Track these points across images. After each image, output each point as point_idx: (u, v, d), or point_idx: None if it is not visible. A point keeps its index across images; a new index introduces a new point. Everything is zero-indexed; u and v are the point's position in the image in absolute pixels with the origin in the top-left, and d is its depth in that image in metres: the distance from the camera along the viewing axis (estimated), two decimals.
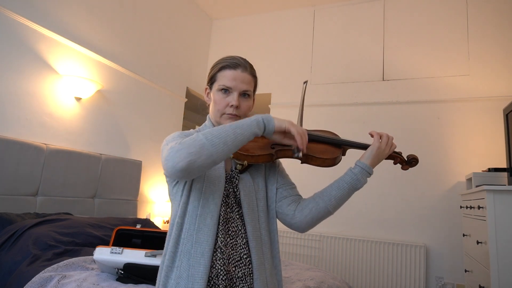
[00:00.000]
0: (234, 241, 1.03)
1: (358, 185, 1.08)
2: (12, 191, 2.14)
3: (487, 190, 1.94)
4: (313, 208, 1.08)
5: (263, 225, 1.10)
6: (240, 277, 0.99)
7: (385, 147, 1.10)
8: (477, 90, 3.10)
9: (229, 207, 1.06)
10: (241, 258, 1.01)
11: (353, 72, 3.61)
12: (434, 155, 3.15)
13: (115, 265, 1.47)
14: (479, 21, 3.19)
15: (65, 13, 2.57)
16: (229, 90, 1.09)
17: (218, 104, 1.10)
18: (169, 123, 3.70)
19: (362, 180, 1.07)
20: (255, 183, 1.12)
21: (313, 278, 1.76)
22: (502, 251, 1.85)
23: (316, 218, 1.09)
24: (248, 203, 1.07)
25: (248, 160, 1.07)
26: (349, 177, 1.07)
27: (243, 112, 1.11)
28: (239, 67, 1.10)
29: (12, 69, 2.22)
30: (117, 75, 3.03)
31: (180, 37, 3.87)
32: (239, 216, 1.06)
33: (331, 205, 1.07)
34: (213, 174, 1.06)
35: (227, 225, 1.03)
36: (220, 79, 1.10)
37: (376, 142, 1.10)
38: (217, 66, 1.13)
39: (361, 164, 1.08)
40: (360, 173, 1.07)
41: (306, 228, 1.12)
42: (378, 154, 1.09)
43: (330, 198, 1.07)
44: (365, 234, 3.26)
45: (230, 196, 1.07)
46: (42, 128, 2.40)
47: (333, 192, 1.08)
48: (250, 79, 1.12)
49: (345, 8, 3.77)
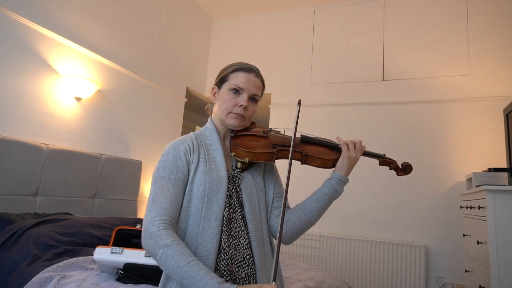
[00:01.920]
0: (237, 242, 1.03)
1: (337, 195, 1.12)
2: (12, 191, 2.14)
3: (487, 190, 1.94)
4: (296, 221, 1.12)
5: (264, 225, 1.11)
6: (244, 277, 1.00)
7: (354, 153, 1.13)
8: (477, 90, 3.09)
9: (232, 208, 1.06)
10: (244, 259, 1.02)
11: (353, 72, 3.61)
12: (434, 155, 3.15)
13: (115, 265, 1.47)
14: (479, 21, 3.19)
15: (65, 13, 2.57)
16: (240, 91, 1.12)
17: (227, 103, 1.12)
18: (169, 123, 3.70)
19: (339, 190, 1.12)
20: (256, 183, 1.14)
21: (313, 278, 1.75)
22: (502, 251, 1.85)
23: (299, 230, 1.13)
24: (250, 203, 1.08)
25: (250, 157, 1.08)
26: (327, 189, 1.11)
27: (248, 115, 1.15)
28: (253, 72, 1.15)
29: (12, 69, 2.22)
30: (117, 75, 3.03)
31: (180, 37, 3.87)
32: (242, 216, 1.06)
33: (313, 217, 1.11)
34: (215, 175, 1.06)
35: (230, 225, 1.04)
36: (232, 79, 1.13)
37: (345, 152, 1.13)
38: (230, 67, 1.16)
39: (337, 176, 1.11)
40: (337, 184, 1.11)
41: (290, 240, 1.15)
42: (350, 162, 1.13)
43: (312, 211, 1.11)
44: (365, 234, 3.26)
45: (233, 196, 1.07)
46: (42, 128, 2.40)
47: (314, 205, 1.11)
48: (260, 85, 1.17)
49: (345, 8, 3.77)
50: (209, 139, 1.15)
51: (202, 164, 1.06)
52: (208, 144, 1.13)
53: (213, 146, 1.13)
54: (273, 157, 1.11)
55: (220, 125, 1.17)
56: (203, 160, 1.08)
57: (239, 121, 1.12)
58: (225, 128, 1.17)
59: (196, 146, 1.10)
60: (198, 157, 1.08)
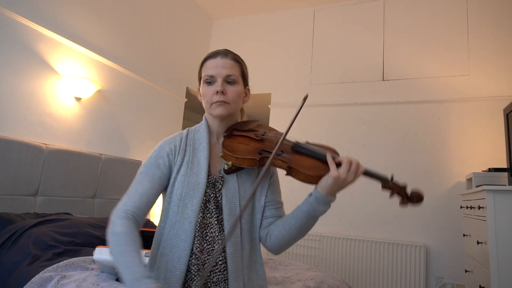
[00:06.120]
0: (211, 247, 1.02)
1: (317, 214, 0.99)
2: (12, 191, 2.14)
3: (487, 190, 1.94)
4: (278, 235, 1.05)
5: (245, 232, 1.06)
6: (215, 282, 0.99)
7: (346, 175, 0.94)
8: (477, 90, 3.09)
9: (209, 213, 1.04)
10: (217, 264, 1.01)
11: (353, 72, 3.60)
12: (434, 155, 3.15)
13: (115, 265, 1.47)
14: (479, 21, 3.19)
15: (65, 13, 2.57)
16: (213, 79, 1.08)
17: (206, 96, 1.09)
18: (169, 123, 3.70)
19: (319, 209, 0.98)
20: (241, 188, 1.08)
21: (313, 278, 1.75)
22: (502, 251, 1.85)
23: (284, 244, 1.06)
24: (229, 209, 1.05)
25: (233, 161, 1.04)
26: (305, 207, 1.00)
27: (231, 99, 1.08)
28: (218, 55, 1.10)
29: (12, 69, 2.22)
30: (117, 75, 3.03)
31: (180, 37, 3.87)
32: (218, 221, 1.04)
33: (293, 234, 1.03)
34: (193, 180, 1.05)
35: (205, 230, 1.03)
36: (203, 72, 1.11)
37: (333, 171, 0.94)
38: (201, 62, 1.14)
39: (317, 194, 0.97)
40: (315, 202, 0.98)
41: (279, 251, 1.08)
42: (336, 183, 0.94)
43: (291, 228, 1.02)
44: (365, 234, 3.26)
45: (211, 201, 1.05)
46: (42, 128, 2.40)
47: (293, 222, 1.02)
48: (232, 63, 1.10)
49: (345, 8, 3.77)
50: (199, 137, 1.13)
51: (184, 167, 1.07)
52: (197, 143, 1.12)
53: (201, 146, 1.11)
54: (256, 163, 1.03)
55: (213, 121, 1.13)
56: (186, 162, 1.08)
57: (222, 108, 1.06)
58: (218, 124, 1.13)
59: (183, 147, 1.09)
60: (182, 160, 1.08)
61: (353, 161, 0.96)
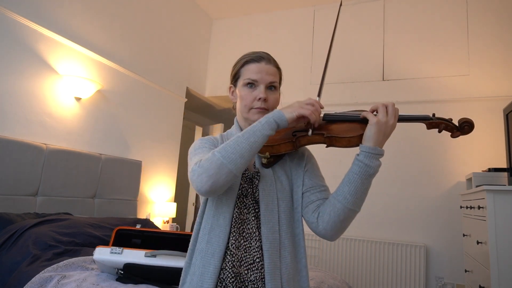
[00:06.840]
0: (248, 244, 0.99)
1: (371, 171, 0.93)
2: (12, 191, 2.14)
3: (487, 190, 1.94)
4: (332, 212, 0.96)
5: (284, 227, 1.02)
6: (252, 280, 0.96)
7: (386, 118, 0.93)
8: (477, 90, 3.09)
9: (246, 208, 1.02)
10: (254, 262, 0.98)
11: (353, 72, 3.61)
12: (434, 155, 3.15)
13: (115, 265, 1.47)
14: (479, 21, 3.19)
15: (65, 13, 2.57)
16: (255, 84, 1.08)
17: (245, 99, 1.08)
18: (169, 123, 3.70)
19: (372, 164, 0.93)
20: (277, 182, 1.06)
21: (313, 278, 1.75)
22: (502, 251, 1.85)
23: (339, 221, 0.96)
24: (266, 204, 1.02)
25: (269, 151, 1.02)
26: (357, 167, 0.94)
27: (271, 105, 1.09)
28: (262, 60, 1.10)
29: (12, 69, 2.22)
30: (117, 75, 3.03)
31: (180, 37, 3.87)
32: (256, 217, 1.01)
33: (349, 203, 0.94)
34: None
35: (242, 226, 1.01)
36: (244, 74, 1.10)
37: (372, 118, 0.93)
38: (240, 62, 1.12)
39: (364, 148, 0.93)
40: (366, 159, 0.92)
41: (334, 235, 1.00)
42: (380, 130, 0.92)
43: (345, 196, 0.94)
44: (365, 234, 3.26)
45: (249, 196, 1.03)
46: (42, 128, 2.40)
47: (346, 188, 0.94)
48: (275, 71, 1.12)
49: (345, 8, 3.77)
50: None
51: None
52: None
53: None
54: (293, 146, 1.00)
55: (246, 124, 1.12)
56: None
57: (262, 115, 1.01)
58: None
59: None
60: None
61: (388, 104, 0.95)
